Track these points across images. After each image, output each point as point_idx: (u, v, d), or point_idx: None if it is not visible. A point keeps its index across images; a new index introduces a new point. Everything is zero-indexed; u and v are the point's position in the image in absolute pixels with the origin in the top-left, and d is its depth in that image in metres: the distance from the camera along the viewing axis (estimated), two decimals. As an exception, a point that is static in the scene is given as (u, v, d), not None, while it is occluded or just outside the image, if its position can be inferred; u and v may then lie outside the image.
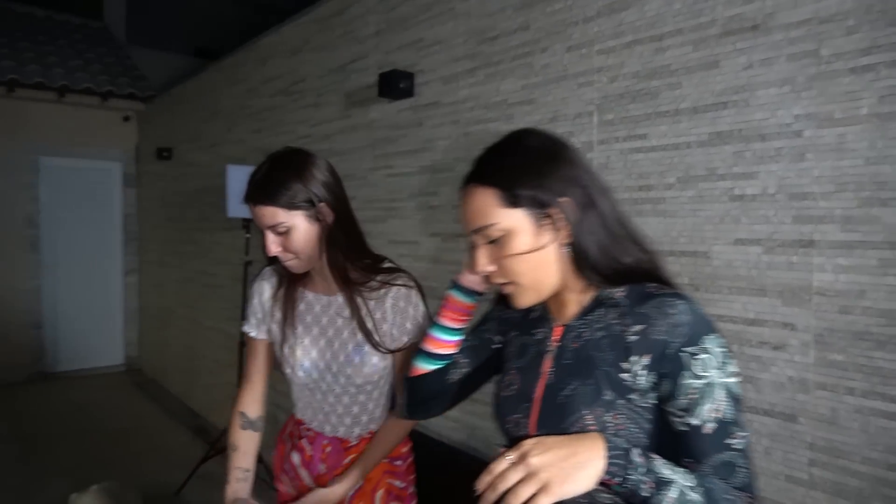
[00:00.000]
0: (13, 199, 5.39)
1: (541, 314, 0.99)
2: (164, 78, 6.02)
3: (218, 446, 3.41)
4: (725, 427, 0.81)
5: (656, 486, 0.76)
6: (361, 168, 2.76)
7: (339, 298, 1.31)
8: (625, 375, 0.85)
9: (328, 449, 1.35)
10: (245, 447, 1.39)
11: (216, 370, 4.23)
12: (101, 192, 5.94)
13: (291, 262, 1.26)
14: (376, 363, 1.31)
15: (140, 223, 5.95)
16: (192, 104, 4.75)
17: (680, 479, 0.77)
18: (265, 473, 2.54)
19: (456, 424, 2.27)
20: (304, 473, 1.38)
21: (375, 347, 1.28)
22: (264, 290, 1.40)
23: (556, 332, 0.94)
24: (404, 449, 1.41)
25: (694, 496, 0.76)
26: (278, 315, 1.36)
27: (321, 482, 1.35)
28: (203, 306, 4.50)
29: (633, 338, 0.85)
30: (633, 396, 0.84)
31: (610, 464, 0.76)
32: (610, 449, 0.77)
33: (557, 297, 0.94)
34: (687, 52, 1.60)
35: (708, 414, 0.81)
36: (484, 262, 0.91)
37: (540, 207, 0.87)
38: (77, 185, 5.80)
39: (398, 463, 1.40)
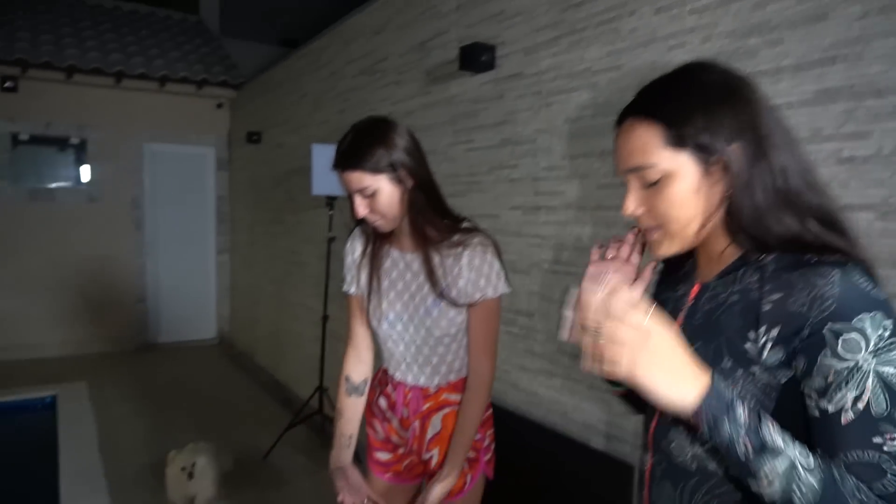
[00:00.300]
0: (122, 183, 5.84)
1: (688, 269, 0.93)
2: (254, 66, 6.29)
3: (302, 415, 3.57)
4: (873, 423, 0.68)
5: (756, 450, 0.68)
6: (441, 144, 2.77)
7: (421, 255, 1.38)
8: (748, 345, 0.76)
9: (409, 395, 1.45)
10: (349, 414, 1.51)
11: (301, 345, 4.41)
12: (196, 176, 6.31)
13: (378, 223, 1.36)
14: (453, 317, 1.39)
15: (231, 205, 6.28)
16: (279, 89, 4.94)
17: (794, 453, 0.68)
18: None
19: (533, 399, 2.25)
20: (389, 415, 1.50)
21: (449, 301, 1.36)
22: (356, 249, 1.51)
23: (694, 290, 0.88)
24: None
25: (809, 479, 0.67)
26: (366, 271, 1.46)
27: (405, 425, 1.47)
28: (289, 283, 4.69)
29: (768, 307, 0.75)
30: (755, 370, 0.76)
31: (704, 402, 0.68)
32: (712, 388, 0.69)
33: (706, 251, 0.86)
34: (790, 6, 1.48)
35: (848, 402, 0.69)
36: (633, 206, 0.83)
37: (707, 153, 0.77)
38: (175, 169, 6.19)
39: None
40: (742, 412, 0.69)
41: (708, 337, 0.81)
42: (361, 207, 1.33)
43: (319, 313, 3.66)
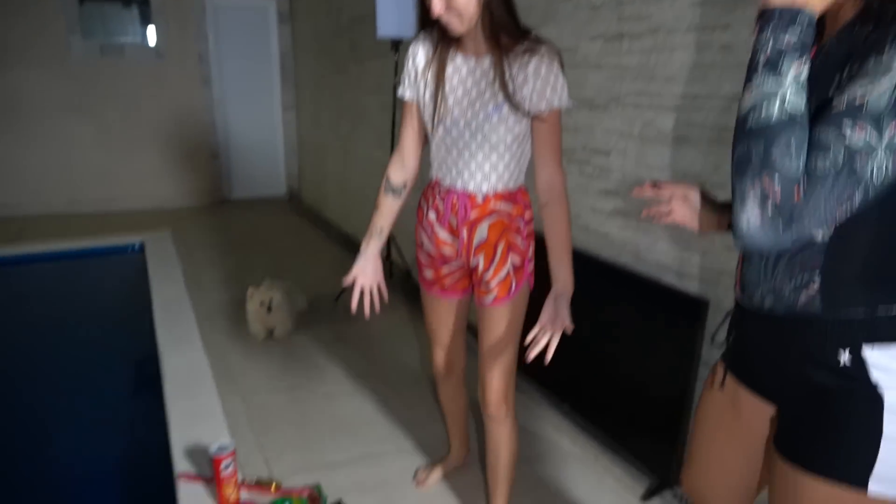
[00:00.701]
0: (186, 37, 5.79)
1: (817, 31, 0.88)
2: None
3: (371, 263, 3.69)
4: (855, 113, 0.67)
5: (765, 65, 0.71)
6: (516, -30, 2.52)
7: (486, 61, 1.37)
8: (832, 90, 0.74)
9: (457, 203, 1.48)
10: (384, 210, 1.60)
11: (368, 197, 4.47)
12: (259, 31, 6.16)
13: (453, 23, 1.32)
14: (511, 125, 1.39)
15: (295, 60, 6.16)
16: (339, -73, 4.60)
17: (788, 91, 0.70)
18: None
19: (604, 241, 2.20)
20: (438, 227, 1.54)
21: (514, 107, 1.34)
22: (418, 53, 1.49)
23: (812, 52, 0.82)
24: (527, 215, 1.51)
25: (774, 110, 0.70)
26: (428, 76, 1.45)
27: (454, 233, 1.51)
28: (355, 137, 4.67)
29: (861, 46, 0.72)
30: None
31: (783, 7, 0.72)
32: (800, 10, 0.71)
33: (829, 11, 0.81)
34: None
35: (851, 93, 0.68)
36: None
37: None
38: (237, 24, 6.05)
39: (519, 222, 1.49)
40: (791, 39, 0.71)
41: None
42: (438, 5, 1.28)
43: (385, 164, 3.65)
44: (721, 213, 1.06)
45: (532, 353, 1.23)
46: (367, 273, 1.57)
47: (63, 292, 3.94)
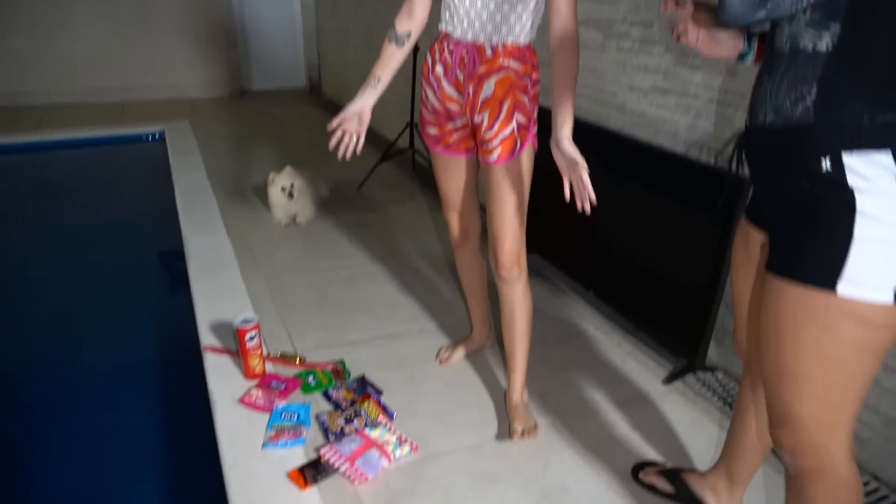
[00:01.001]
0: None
1: None
2: None
3: (390, 153, 3.59)
4: None
5: None
6: None
7: None
8: None
9: (466, 58, 1.44)
10: (384, 58, 1.55)
11: (391, 87, 4.28)
12: None
13: None
14: None
15: (313, -60, 5.77)
16: None
17: None
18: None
19: (640, 120, 2.07)
20: (444, 83, 1.50)
21: None
22: None
23: None
24: (534, 76, 1.47)
25: None
26: None
27: (460, 89, 1.48)
28: (378, 22, 4.43)
29: None
30: None
31: None
32: None
33: None
34: None
35: None
36: None
37: None
38: None
39: (526, 81, 1.45)
40: None
41: None
42: None
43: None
44: (737, 36, 1.04)
45: (587, 206, 1.18)
46: (352, 120, 1.54)
47: (87, 179, 3.95)
